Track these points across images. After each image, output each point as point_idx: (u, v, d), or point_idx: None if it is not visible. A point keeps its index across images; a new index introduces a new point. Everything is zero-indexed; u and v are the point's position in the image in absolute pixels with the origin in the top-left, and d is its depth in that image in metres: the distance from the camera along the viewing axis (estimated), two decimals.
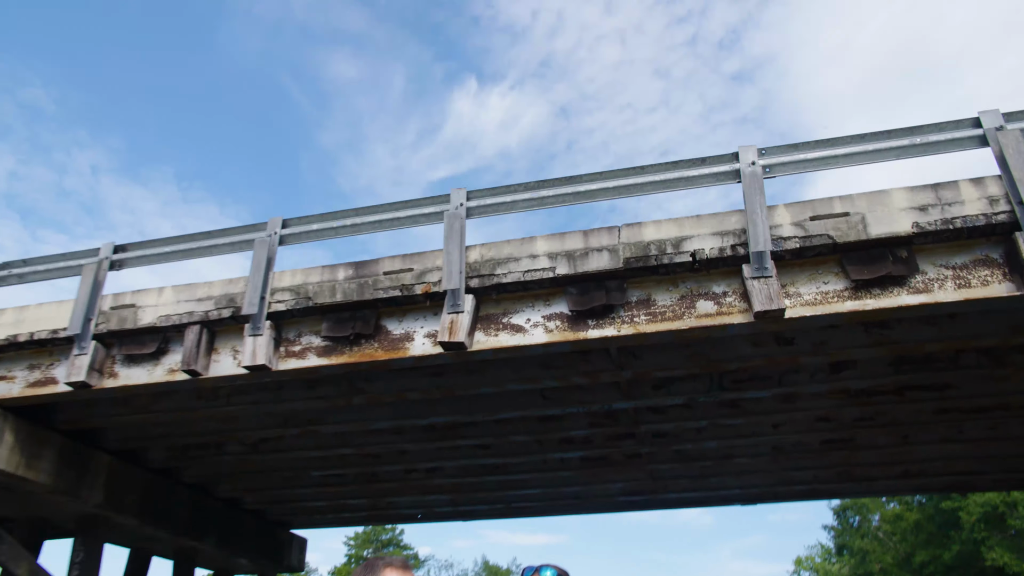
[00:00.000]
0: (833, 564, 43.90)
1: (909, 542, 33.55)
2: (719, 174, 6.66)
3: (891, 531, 35.32)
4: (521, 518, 13.21)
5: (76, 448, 8.92)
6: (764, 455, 9.58)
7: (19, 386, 8.03)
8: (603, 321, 6.50)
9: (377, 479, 10.82)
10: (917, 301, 5.84)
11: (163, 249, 8.10)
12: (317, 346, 7.21)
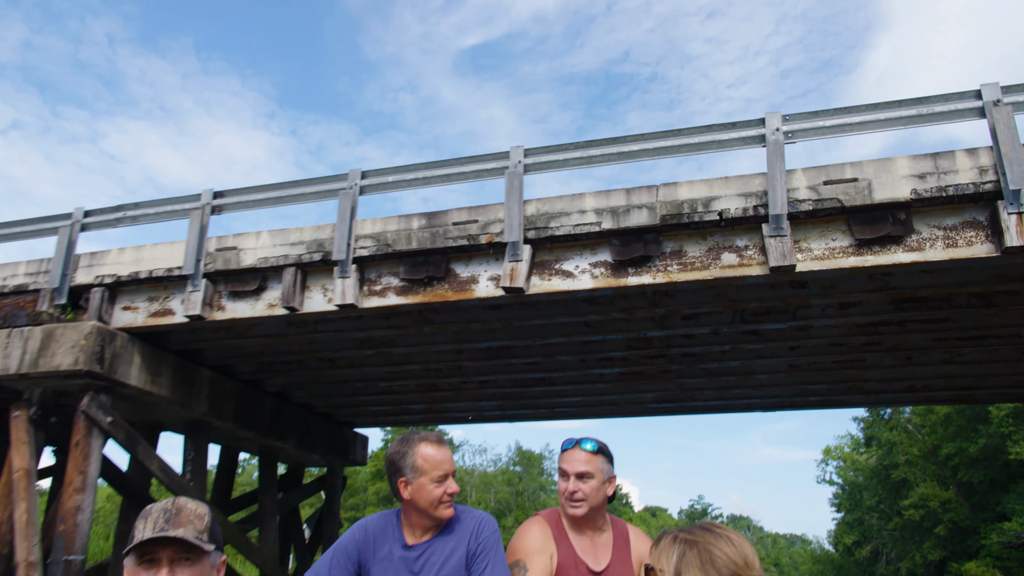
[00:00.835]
0: (861, 455, 45.97)
1: (938, 434, 34.96)
2: (747, 138, 7.59)
3: (920, 424, 36.66)
4: (561, 420, 14.77)
5: (185, 366, 10.46)
6: (781, 371, 10.83)
7: (142, 316, 9.47)
8: (641, 269, 7.64)
9: (436, 388, 12.33)
10: (910, 259, 6.88)
11: (256, 196, 9.30)
12: (395, 286, 8.47)
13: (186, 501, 1.82)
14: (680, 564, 1.63)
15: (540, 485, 57.22)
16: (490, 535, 2.71)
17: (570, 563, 2.77)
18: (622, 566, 2.85)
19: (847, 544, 50.27)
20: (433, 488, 2.64)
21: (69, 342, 8.90)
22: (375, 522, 2.82)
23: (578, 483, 2.78)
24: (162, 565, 1.69)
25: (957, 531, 34.52)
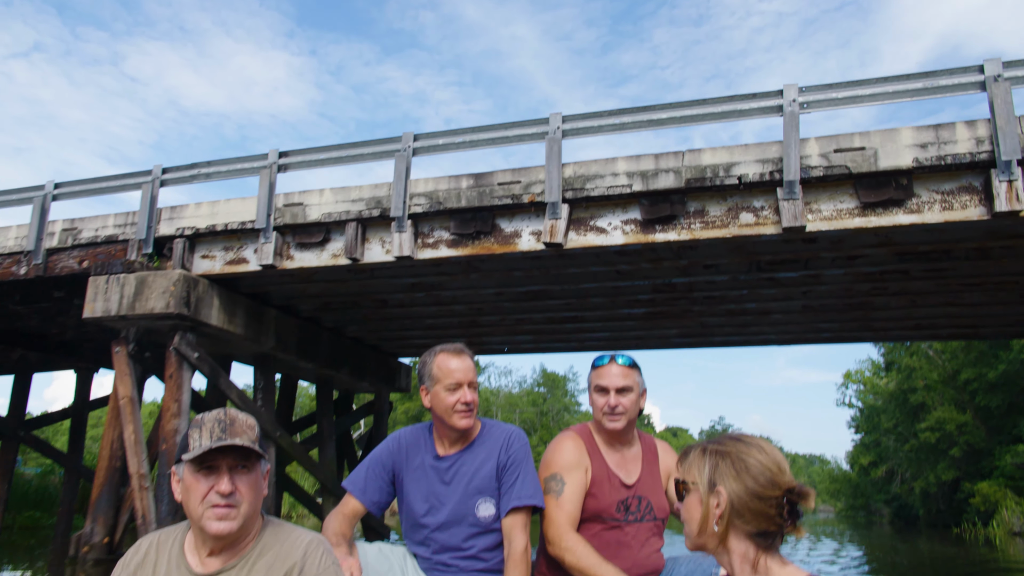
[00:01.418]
0: (881, 379, 47.02)
1: (958, 360, 35.64)
2: (765, 108, 8.37)
3: (941, 350, 37.31)
4: (589, 352, 15.96)
5: (255, 306, 11.67)
6: (795, 312, 11.80)
7: (219, 264, 10.62)
8: (667, 227, 8.57)
9: (476, 324, 13.49)
10: (909, 221, 7.73)
11: (318, 156, 10.28)
12: (446, 239, 9.50)
13: (236, 412, 1.85)
14: (714, 475, 1.62)
15: (564, 406, 59.19)
16: (520, 448, 2.76)
17: (603, 477, 2.81)
18: (652, 479, 2.93)
19: (863, 464, 52.02)
20: (446, 396, 2.70)
21: (160, 288, 10.11)
22: (408, 434, 2.90)
23: (619, 397, 2.81)
24: (222, 472, 1.73)
25: (972, 453, 35.63)
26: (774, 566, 1.58)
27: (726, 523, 1.58)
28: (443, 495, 2.73)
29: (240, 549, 1.79)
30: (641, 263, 9.55)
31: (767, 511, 1.56)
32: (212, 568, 1.78)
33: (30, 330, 15.36)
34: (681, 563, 2.81)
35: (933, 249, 8.81)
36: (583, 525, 2.76)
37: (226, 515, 1.71)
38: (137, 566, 1.82)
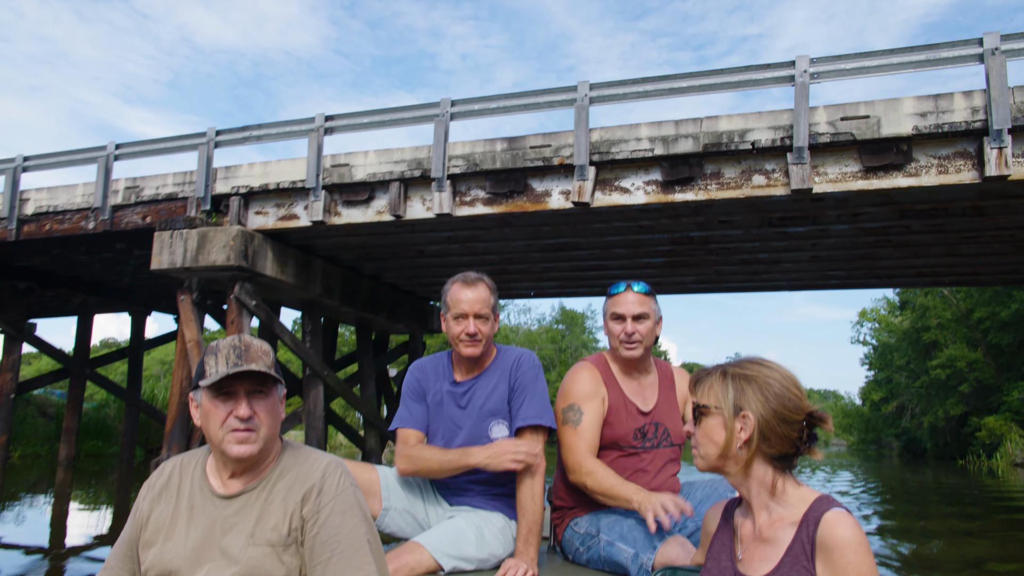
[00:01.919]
0: (896, 318, 47.75)
1: (972, 299, 36.20)
2: (779, 78, 9.06)
3: (956, 289, 37.82)
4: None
5: (303, 257, 12.67)
6: (805, 261, 12.64)
7: (272, 220, 11.58)
8: (686, 188, 9.39)
9: (506, 272, 14.44)
10: (907, 184, 8.50)
11: (361, 120, 11.09)
12: (482, 198, 10.37)
13: (251, 338, 1.86)
14: (740, 399, 1.61)
15: (582, 343, 60.34)
16: (528, 370, 2.78)
17: (620, 405, 2.82)
18: (668, 406, 2.93)
19: (874, 400, 53.24)
20: (453, 324, 2.74)
21: (220, 243, 11.10)
22: (429, 362, 2.95)
23: (635, 324, 2.80)
24: (240, 398, 1.75)
25: (981, 389, 36.53)
26: (790, 488, 1.61)
27: (754, 447, 1.60)
28: (459, 419, 2.79)
29: (260, 472, 1.83)
30: (661, 219, 10.39)
31: (790, 434, 1.58)
32: (233, 490, 1.81)
33: (91, 277, 16.54)
34: (697, 488, 2.86)
35: (931, 207, 9.57)
36: (600, 452, 2.79)
37: (246, 439, 1.74)
38: (162, 488, 1.87)
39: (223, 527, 1.77)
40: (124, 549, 1.85)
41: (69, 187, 12.89)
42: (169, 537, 1.78)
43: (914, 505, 13.22)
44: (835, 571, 1.46)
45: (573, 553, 2.78)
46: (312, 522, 1.77)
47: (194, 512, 1.80)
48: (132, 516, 1.87)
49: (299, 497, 1.78)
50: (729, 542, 1.71)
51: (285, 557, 1.74)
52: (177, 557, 1.75)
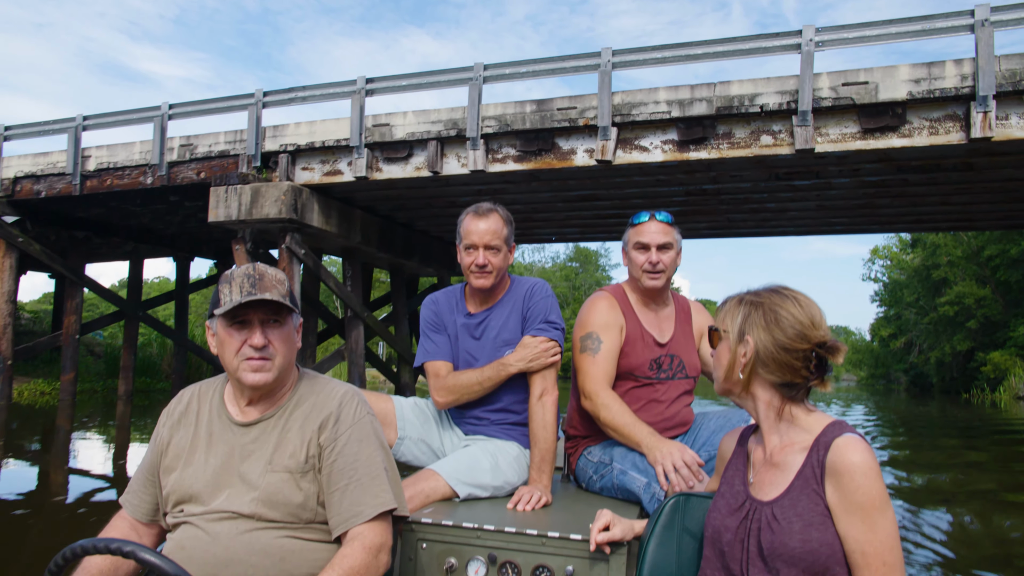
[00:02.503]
0: (908, 255, 48.40)
1: (984, 236, 36.76)
2: (786, 46, 9.86)
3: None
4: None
5: (345, 209, 13.73)
6: (810, 209, 13.57)
7: (317, 175, 12.61)
8: (699, 147, 10.32)
9: (532, 220, 15.46)
10: (901, 144, 9.40)
11: (400, 83, 11.98)
12: (512, 155, 11.33)
13: (265, 267, 1.82)
14: (745, 324, 1.61)
15: (596, 280, 61.24)
16: (541, 299, 2.76)
17: (637, 335, 2.81)
18: (684, 338, 2.92)
19: (883, 336, 54.33)
20: (464, 255, 2.73)
21: (272, 197, 12.18)
22: (443, 294, 2.94)
23: (660, 254, 2.77)
24: (254, 327, 1.73)
25: (988, 325, 37.42)
26: (799, 413, 1.61)
27: (750, 372, 1.61)
28: (474, 350, 2.80)
29: (277, 400, 1.83)
30: (677, 174, 11.34)
31: (792, 363, 1.57)
32: (251, 417, 1.82)
33: (141, 226, 17.73)
34: (710, 418, 2.86)
35: (925, 164, 10.46)
36: (616, 382, 2.79)
37: (261, 367, 1.74)
38: (181, 415, 1.88)
39: (241, 454, 1.78)
40: (145, 474, 1.87)
41: (127, 145, 13.93)
42: (189, 463, 1.80)
43: (921, 436, 13.88)
44: (844, 495, 1.46)
45: (586, 481, 2.82)
46: (329, 450, 1.78)
47: (213, 439, 1.81)
48: (152, 442, 1.89)
49: (316, 425, 1.79)
50: (742, 467, 1.72)
51: (303, 484, 1.75)
52: (197, 483, 1.76)
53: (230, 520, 1.72)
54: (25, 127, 14.90)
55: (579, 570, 2.05)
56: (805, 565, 1.48)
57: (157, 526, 1.87)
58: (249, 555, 1.69)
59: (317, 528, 1.77)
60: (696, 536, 1.86)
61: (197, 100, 13.52)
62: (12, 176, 14.81)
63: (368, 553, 1.70)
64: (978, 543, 5.86)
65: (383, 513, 1.77)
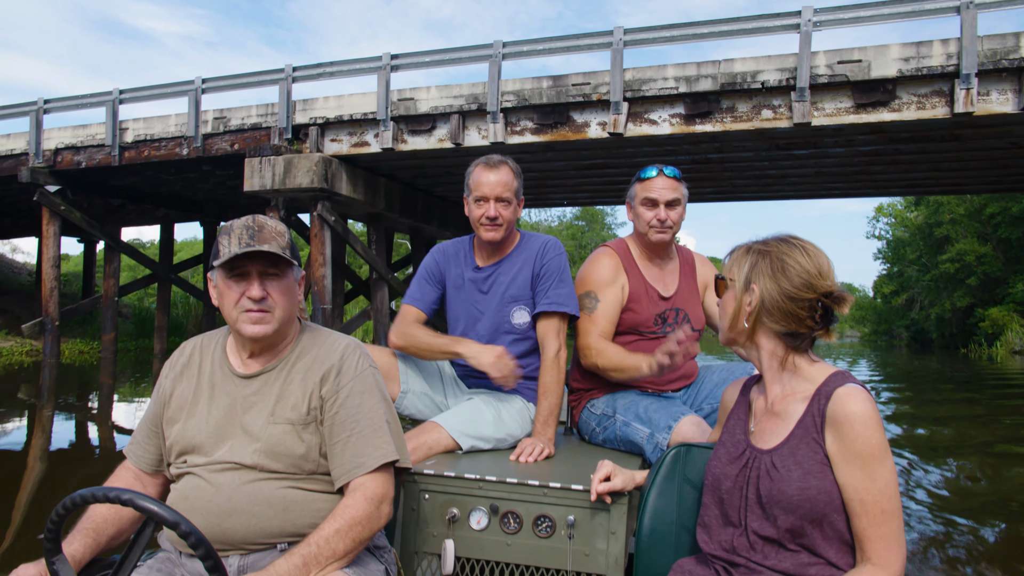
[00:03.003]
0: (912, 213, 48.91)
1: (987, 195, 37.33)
2: (786, 26, 10.59)
3: None
4: None
5: (370, 177, 14.57)
6: (808, 176, 14.37)
7: (345, 147, 13.43)
8: (705, 120, 11.11)
9: (545, 185, 16.29)
10: (891, 118, 10.19)
11: (423, 59, 12.73)
12: (530, 128, 12.14)
13: (265, 219, 1.79)
14: (751, 273, 1.60)
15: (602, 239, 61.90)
16: (555, 257, 2.74)
17: (641, 291, 2.79)
18: (689, 292, 2.91)
19: (885, 293, 55.12)
20: (475, 208, 2.69)
21: (304, 168, 13.03)
22: (450, 246, 2.92)
23: (668, 211, 2.75)
24: (252, 278, 1.72)
25: (988, 282, 38.13)
26: (803, 363, 1.61)
27: (754, 321, 1.61)
28: (481, 304, 2.78)
29: (279, 352, 1.84)
30: (684, 145, 12.15)
31: (798, 312, 1.55)
32: (253, 369, 1.82)
33: (171, 193, 18.61)
34: (714, 371, 2.88)
35: (914, 135, 11.25)
36: (621, 337, 2.80)
37: (260, 319, 1.73)
38: (183, 367, 1.88)
39: (243, 405, 1.79)
40: (149, 426, 1.87)
41: (163, 117, 14.74)
42: (192, 414, 1.80)
43: (919, 390, 14.42)
44: (844, 444, 1.46)
45: (589, 434, 2.83)
46: (331, 402, 1.78)
47: (215, 391, 1.82)
48: (155, 394, 1.90)
49: (318, 377, 1.79)
50: (744, 416, 1.72)
51: (305, 435, 1.76)
52: (199, 433, 1.77)
53: (233, 471, 1.73)
54: (64, 100, 15.69)
55: (580, 520, 2.07)
56: (803, 512, 1.49)
57: (161, 476, 1.89)
58: (252, 505, 1.70)
59: (319, 479, 1.79)
60: (696, 486, 1.89)
61: (229, 75, 14.27)
62: (53, 147, 15.67)
63: (370, 504, 1.71)
64: (973, 493, 5.94)
65: (385, 464, 1.78)
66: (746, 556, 1.58)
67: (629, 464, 2.26)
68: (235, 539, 1.69)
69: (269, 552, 1.72)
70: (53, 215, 16.06)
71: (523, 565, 2.12)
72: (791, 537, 1.53)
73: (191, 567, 1.72)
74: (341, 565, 1.64)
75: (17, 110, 15.74)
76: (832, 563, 1.50)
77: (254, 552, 1.72)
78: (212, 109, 14.39)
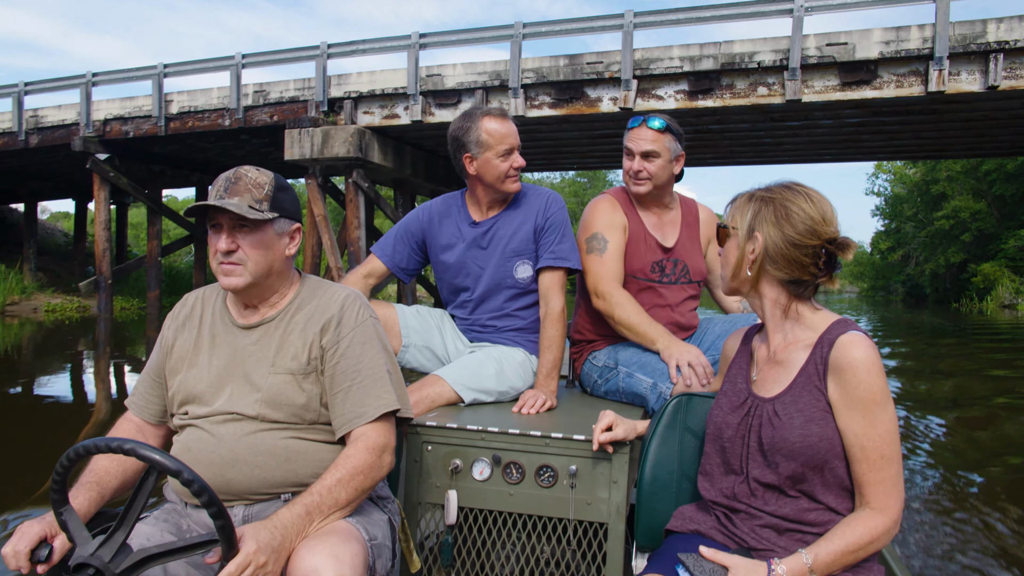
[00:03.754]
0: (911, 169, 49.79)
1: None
2: (780, 11, 11.76)
3: None
4: None
5: (398, 145, 15.83)
6: (802, 143, 15.62)
7: (377, 119, 14.68)
8: (706, 96, 12.35)
9: (558, 152, 17.54)
10: (872, 96, 11.44)
11: (449, 38, 13.91)
12: (548, 102, 13.37)
13: (248, 169, 1.76)
14: (754, 221, 1.58)
15: None
16: (558, 210, 2.69)
17: (640, 238, 2.76)
18: (691, 243, 2.87)
19: (882, 249, 56.33)
20: (499, 162, 2.59)
21: (341, 138, 14.29)
22: (438, 203, 2.83)
23: (643, 162, 2.67)
24: (222, 231, 1.71)
25: (981, 238, 39.15)
26: (805, 311, 1.60)
27: (758, 269, 1.60)
28: (481, 260, 2.73)
29: (277, 303, 1.83)
30: (687, 118, 13.38)
31: (802, 259, 1.54)
32: (252, 320, 1.82)
33: (207, 159, 19.87)
34: (716, 323, 2.87)
35: (896, 109, 12.50)
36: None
37: (231, 271, 1.72)
38: (185, 318, 1.89)
39: (244, 355, 1.79)
40: (151, 376, 1.89)
41: (206, 91, 15.94)
42: (193, 364, 1.82)
43: (914, 344, 15.01)
44: (846, 391, 1.46)
45: (591, 386, 2.83)
46: (332, 352, 1.78)
47: (216, 341, 1.83)
48: (158, 344, 1.91)
49: (318, 328, 1.79)
50: (745, 366, 1.72)
51: (305, 385, 1.77)
52: (200, 383, 1.78)
53: (235, 422, 1.74)
54: (111, 73, 16.87)
55: (582, 469, 2.07)
56: (804, 459, 1.50)
57: (164, 428, 1.91)
58: (254, 455, 1.71)
59: (321, 429, 1.80)
60: (698, 435, 1.89)
61: (267, 51, 15.44)
62: (102, 118, 16.91)
63: (371, 453, 1.71)
64: (972, 443, 6.04)
65: (386, 414, 1.79)
66: (746, 502, 1.59)
67: (631, 415, 2.25)
68: (239, 489, 1.71)
69: (273, 502, 1.74)
70: (103, 181, 17.37)
71: (525, 514, 2.14)
72: (791, 483, 1.54)
73: (197, 518, 1.75)
74: (344, 514, 1.66)
75: (68, 83, 16.94)
76: (831, 508, 1.52)
77: (259, 502, 1.73)
78: (252, 83, 15.59)
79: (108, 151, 17.36)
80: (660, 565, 1.58)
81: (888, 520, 1.46)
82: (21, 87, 17.32)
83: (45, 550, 1.50)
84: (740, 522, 1.59)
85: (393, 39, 14.28)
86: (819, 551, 1.45)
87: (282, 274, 1.82)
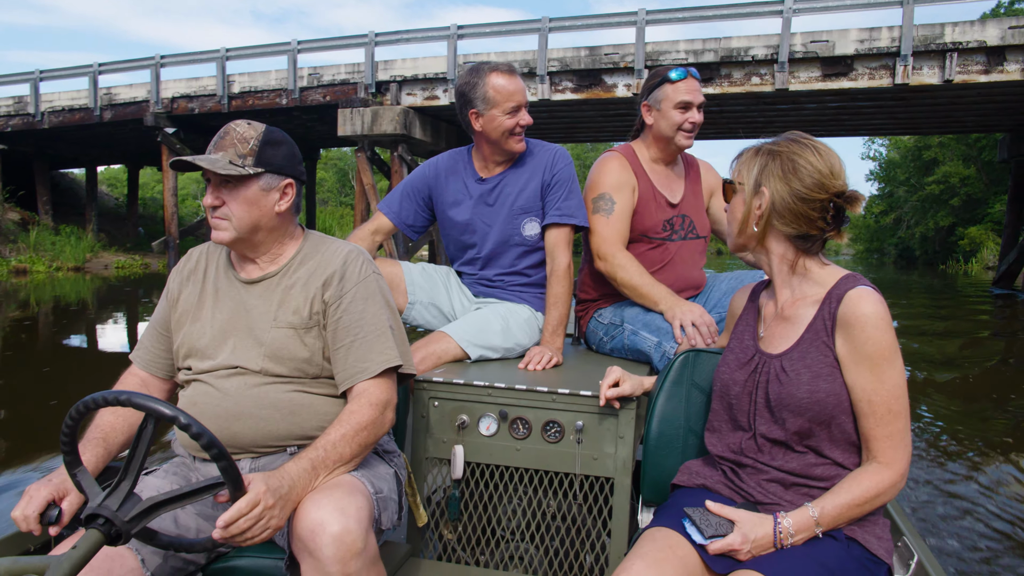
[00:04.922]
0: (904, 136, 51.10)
1: None
2: (772, 11, 13.78)
3: None
4: None
5: (435, 122, 17.89)
6: (791, 123, 17.65)
7: (419, 100, 16.74)
8: (708, 84, 14.43)
9: (574, 127, 19.61)
10: (849, 86, 13.53)
11: (484, 30, 15.92)
12: (570, 88, 15.44)
13: (238, 124, 1.75)
14: (761, 175, 1.55)
15: None
16: (565, 166, 2.65)
17: (649, 196, 2.72)
18: (695, 198, 2.85)
19: (875, 212, 58.10)
20: (505, 119, 2.55)
21: (388, 117, 16.38)
22: (444, 159, 2.81)
23: (699, 113, 2.66)
24: (211, 185, 1.72)
25: (969, 202, 40.87)
26: (813, 266, 1.59)
27: (764, 224, 1.57)
28: (488, 217, 2.69)
29: (279, 257, 1.84)
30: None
31: (809, 214, 1.52)
32: (255, 275, 1.83)
33: None
34: (722, 280, 2.86)
35: (871, 97, 14.59)
36: (629, 245, 2.72)
37: (217, 225, 1.73)
38: (190, 272, 1.90)
39: (247, 309, 1.80)
40: (157, 329, 1.90)
41: (264, 73, 17.97)
42: (197, 318, 1.83)
43: (909, 303, 17.42)
44: (855, 346, 1.45)
45: (597, 343, 2.84)
46: (334, 307, 1.77)
47: (219, 295, 1.84)
48: (163, 298, 1.92)
49: (320, 283, 1.78)
50: (753, 322, 1.71)
51: (307, 339, 1.77)
52: (204, 336, 1.80)
53: (239, 376, 1.74)
54: (178, 56, 18.87)
55: (589, 425, 2.07)
56: (811, 415, 1.49)
57: (170, 382, 1.91)
58: (259, 409, 1.72)
59: (325, 383, 1.80)
60: (704, 391, 1.90)
61: (320, 38, 17.48)
62: (170, 96, 18.95)
63: (375, 409, 1.70)
64: (974, 398, 6.07)
65: (389, 370, 1.77)
66: (753, 457, 1.58)
67: (637, 371, 2.25)
68: (245, 442, 1.72)
69: (280, 455, 1.75)
70: (171, 153, 19.46)
71: (532, 469, 2.14)
72: (799, 439, 1.53)
73: (205, 471, 1.77)
74: (348, 469, 1.65)
75: (139, 64, 18.95)
76: (838, 463, 1.51)
77: (265, 455, 1.75)
78: (307, 67, 17.61)
79: (175, 125, 19.43)
80: (666, 519, 1.58)
81: (895, 474, 1.44)
82: (95, 67, 19.33)
83: (55, 511, 1.52)
84: (747, 476, 1.59)
85: (434, 30, 16.28)
86: (825, 504, 1.45)
87: (275, 230, 1.81)
